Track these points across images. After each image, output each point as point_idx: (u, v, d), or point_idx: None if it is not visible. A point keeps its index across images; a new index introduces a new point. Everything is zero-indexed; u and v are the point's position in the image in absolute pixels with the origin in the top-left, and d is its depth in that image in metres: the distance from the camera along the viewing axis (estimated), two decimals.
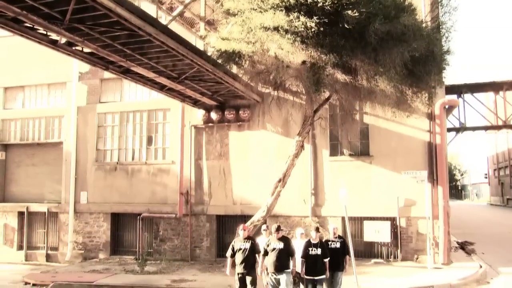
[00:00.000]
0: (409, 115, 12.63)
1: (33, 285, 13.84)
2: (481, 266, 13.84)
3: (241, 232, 9.69)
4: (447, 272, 13.24)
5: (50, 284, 13.51)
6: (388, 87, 9.77)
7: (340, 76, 10.00)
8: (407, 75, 10.05)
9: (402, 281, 12.21)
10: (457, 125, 20.36)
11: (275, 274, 9.17)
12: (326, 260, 9.39)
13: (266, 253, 9.32)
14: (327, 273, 9.40)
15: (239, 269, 9.39)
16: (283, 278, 9.10)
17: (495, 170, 57.15)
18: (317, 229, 9.60)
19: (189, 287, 12.49)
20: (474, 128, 22.09)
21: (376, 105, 13.90)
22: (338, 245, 9.81)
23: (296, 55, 9.20)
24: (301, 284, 9.74)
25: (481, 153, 67.94)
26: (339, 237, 10.09)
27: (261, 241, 9.80)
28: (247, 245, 9.42)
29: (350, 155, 15.54)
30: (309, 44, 8.93)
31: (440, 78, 11.45)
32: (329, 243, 9.76)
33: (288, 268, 9.18)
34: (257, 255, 9.52)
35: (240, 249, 9.43)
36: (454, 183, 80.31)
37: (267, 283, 9.48)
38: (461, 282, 12.07)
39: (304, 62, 9.71)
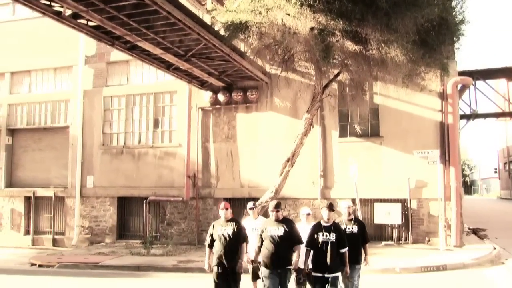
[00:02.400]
0: (423, 89, 12.27)
1: (40, 266, 13.82)
2: (494, 248, 13.53)
3: (222, 212, 7.26)
4: (459, 253, 12.93)
5: (56, 265, 13.47)
6: (400, 56, 9.45)
7: (350, 45, 9.71)
8: (420, 44, 9.75)
9: (413, 261, 11.93)
10: (468, 113, 20.08)
11: (272, 271, 6.75)
12: (344, 250, 6.80)
13: (262, 242, 6.97)
14: (347, 269, 6.82)
15: (218, 262, 7.03)
16: (282, 276, 6.79)
17: (505, 163, 56.43)
18: (330, 207, 6.97)
19: (195, 267, 12.29)
20: (485, 115, 21.77)
21: (387, 84, 13.63)
22: (355, 229, 7.33)
23: (303, 21, 8.95)
24: (307, 284, 7.40)
25: (490, 148, 67.38)
26: (355, 219, 7.62)
27: (246, 225, 7.70)
28: (229, 229, 7.07)
29: (360, 136, 15.17)
30: (316, 9, 8.68)
31: (453, 48, 11.13)
32: (344, 227, 7.25)
33: (290, 263, 6.83)
34: (243, 244, 7.16)
35: (221, 235, 7.08)
36: (463, 178, 79.48)
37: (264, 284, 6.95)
38: (475, 262, 11.78)
39: (312, 29, 9.42)
